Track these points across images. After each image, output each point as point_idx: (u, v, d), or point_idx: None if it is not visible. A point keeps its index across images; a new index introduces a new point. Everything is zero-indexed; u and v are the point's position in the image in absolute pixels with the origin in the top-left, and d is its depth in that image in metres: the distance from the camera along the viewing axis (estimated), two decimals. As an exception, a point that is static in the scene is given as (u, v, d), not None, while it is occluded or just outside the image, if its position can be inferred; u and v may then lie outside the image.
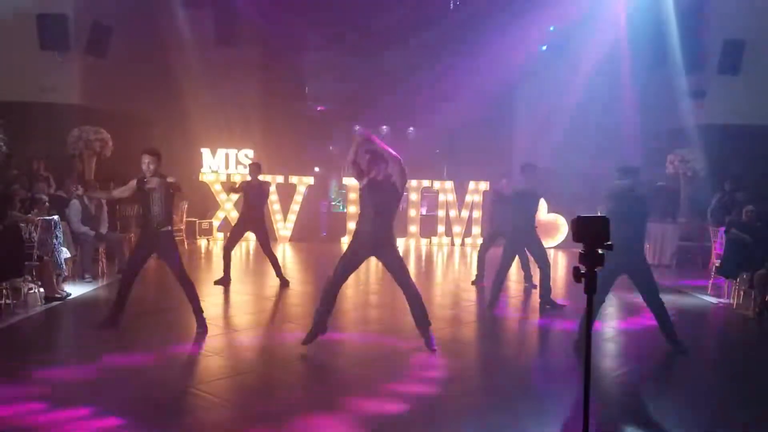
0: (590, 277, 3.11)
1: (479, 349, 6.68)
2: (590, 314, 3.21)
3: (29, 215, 8.00)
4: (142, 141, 13.96)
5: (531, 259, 8.69)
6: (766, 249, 8.04)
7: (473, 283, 9.66)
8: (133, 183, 6.46)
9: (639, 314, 7.59)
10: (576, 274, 3.12)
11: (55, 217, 8.49)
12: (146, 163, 6.39)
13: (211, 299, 8.13)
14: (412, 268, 11.68)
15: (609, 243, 3.10)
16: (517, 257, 8.57)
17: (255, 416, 4.48)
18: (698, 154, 12.09)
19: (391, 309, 7.86)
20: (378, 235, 5.85)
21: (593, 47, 16.36)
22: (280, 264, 9.39)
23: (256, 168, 9.35)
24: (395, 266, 5.97)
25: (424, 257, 13.25)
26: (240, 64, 16.24)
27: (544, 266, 7.99)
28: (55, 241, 8.07)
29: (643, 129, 14.97)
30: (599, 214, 3.32)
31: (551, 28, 16.22)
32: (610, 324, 7.37)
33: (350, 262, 5.99)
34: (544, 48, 16.67)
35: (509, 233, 8.15)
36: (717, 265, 9.12)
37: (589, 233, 3.13)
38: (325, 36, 17.53)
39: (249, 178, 9.34)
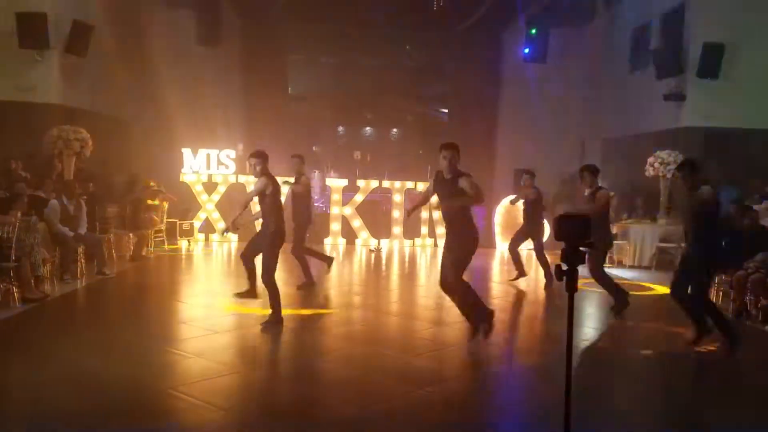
0: (572, 275, 3.12)
1: (463, 350, 6.67)
2: (572, 312, 3.23)
3: (7, 215, 7.87)
4: (122, 141, 13.92)
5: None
6: (745, 251, 8.13)
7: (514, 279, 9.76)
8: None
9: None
10: (558, 272, 3.14)
11: (33, 217, 8.38)
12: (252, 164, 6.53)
13: (192, 300, 8.06)
14: (395, 269, 11.69)
15: (590, 241, 3.12)
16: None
17: (237, 418, 4.44)
18: (678, 156, 12.20)
19: (374, 310, 7.85)
20: None
21: (575, 50, 16.55)
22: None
23: (300, 161, 8.98)
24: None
25: (407, 258, 13.25)
26: (221, 64, 16.16)
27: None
28: (33, 241, 7.95)
29: (624, 131, 15.14)
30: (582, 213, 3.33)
31: (533, 31, 16.32)
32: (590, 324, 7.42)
33: None
34: (527, 51, 16.77)
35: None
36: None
37: (570, 232, 3.15)
38: (307, 36, 17.51)
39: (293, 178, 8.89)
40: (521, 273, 9.67)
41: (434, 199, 6.32)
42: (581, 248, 3.11)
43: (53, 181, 10.05)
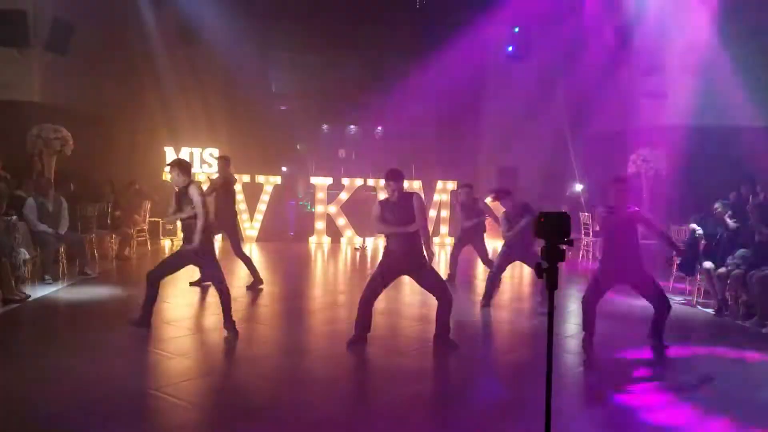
0: (552, 273, 3.14)
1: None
2: (552, 309, 3.25)
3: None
4: (103, 140, 13.79)
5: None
6: (727, 246, 8.23)
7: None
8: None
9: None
10: (538, 270, 3.16)
11: (13, 217, 8.29)
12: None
13: (177, 300, 8.02)
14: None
15: (570, 239, 3.14)
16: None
17: (220, 418, 4.43)
18: (659, 154, 12.31)
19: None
20: None
21: (556, 48, 16.61)
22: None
23: (225, 162, 9.04)
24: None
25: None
26: (204, 62, 16.06)
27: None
28: (13, 242, 7.87)
29: (606, 128, 15.24)
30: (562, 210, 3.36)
31: (516, 29, 16.39)
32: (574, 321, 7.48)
33: None
34: (510, 49, 16.84)
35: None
36: (678, 262, 9.33)
37: (550, 229, 3.17)
38: (290, 34, 17.46)
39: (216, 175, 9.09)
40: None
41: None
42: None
43: (33, 180, 9.94)
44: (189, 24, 14.89)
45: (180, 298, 8.17)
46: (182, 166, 6.48)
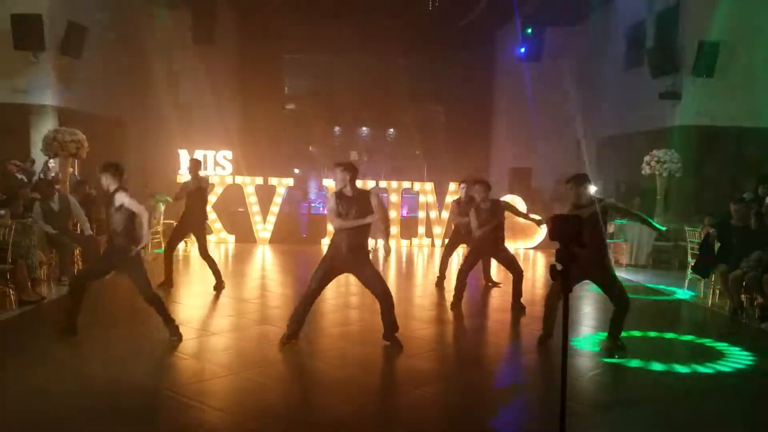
0: (566, 275, 3.13)
1: (460, 348, 6.69)
2: (567, 311, 3.24)
3: (2, 219, 7.86)
4: (118, 142, 13.90)
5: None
6: (742, 249, 8.14)
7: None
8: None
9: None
10: (552, 272, 3.14)
11: (29, 219, 8.37)
12: None
13: (188, 302, 8.06)
14: (393, 269, 11.70)
15: (583, 241, 3.13)
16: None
17: (233, 419, 4.45)
18: (674, 155, 12.23)
19: (370, 310, 7.83)
20: None
21: (570, 49, 16.56)
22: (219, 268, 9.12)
23: (195, 164, 9.24)
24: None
25: (404, 259, 13.25)
26: (218, 64, 16.16)
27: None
28: (29, 243, 7.94)
29: (619, 130, 15.16)
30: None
31: (528, 31, 16.34)
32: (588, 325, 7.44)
33: None
34: (523, 50, 16.80)
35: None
36: (692, 264, 9.27)
37: (564, 232, 3.16)
38: (303, 37, 17.50)
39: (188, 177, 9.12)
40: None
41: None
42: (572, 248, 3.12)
43: (37, 184, 10.00)
44: (202, 26, 15.00)
45: (192, 300, 8.21)
46: (117, 170, 6.38)
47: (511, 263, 8.01)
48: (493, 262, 9.42)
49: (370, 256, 6.31)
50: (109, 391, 4.86)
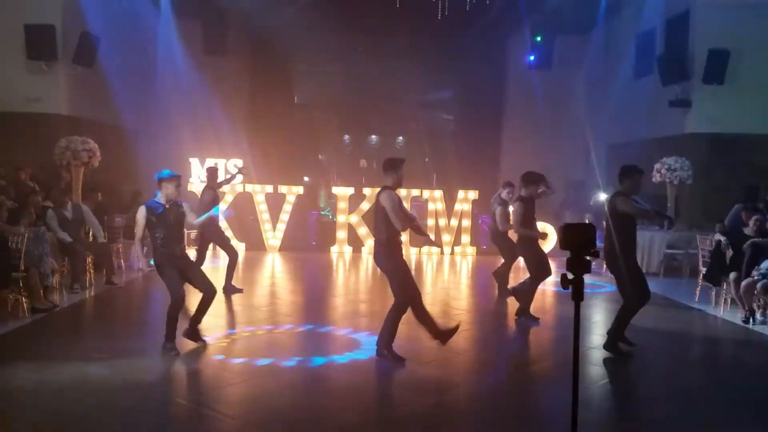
0: (577, 284, 3.12)
1: (470, 356, 6.68)
2: (578, 320, 3.23)
3: (16, 226, 7.92)
4: (130, 151, 13.99)
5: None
6: (753, 258, 8.10)
7: None
8: None
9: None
10: (564, 281, 3.14)
11: (42, 227, 8.43)
12: None
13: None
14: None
15: (596, 250, 3.12)
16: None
17: (243, 426, 4.46)
18: (684, 162, 12.18)
19: (380, 318, 7.83)
20: None
21: (580, 57, 16.55)
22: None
23: (213, 173, 9.44)
24: None
25: (413, 266, 13.25)
26: (228, 73, 16.26)
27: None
28: (41, 251, 8.00)
29: (630, 138, 15.11)
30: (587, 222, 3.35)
31: (538, 38, 16.36)
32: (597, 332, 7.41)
33: None
34: (532, 58, 16.81)
35: None
36: (704, 272, 9.22)
37: (576, 240, 3.15)
38: (313, 45, 17.57)
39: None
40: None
41: None
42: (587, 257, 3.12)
43: (51, 191, 10.07)
44: (213, 36, 15.12)
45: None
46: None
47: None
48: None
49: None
50: (121, 399, 4.87)
